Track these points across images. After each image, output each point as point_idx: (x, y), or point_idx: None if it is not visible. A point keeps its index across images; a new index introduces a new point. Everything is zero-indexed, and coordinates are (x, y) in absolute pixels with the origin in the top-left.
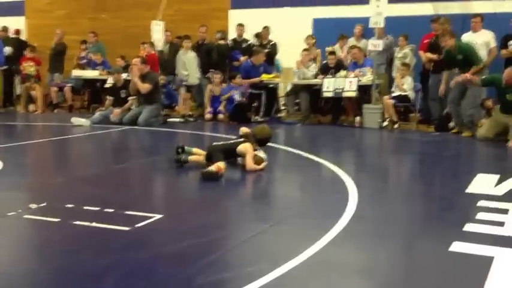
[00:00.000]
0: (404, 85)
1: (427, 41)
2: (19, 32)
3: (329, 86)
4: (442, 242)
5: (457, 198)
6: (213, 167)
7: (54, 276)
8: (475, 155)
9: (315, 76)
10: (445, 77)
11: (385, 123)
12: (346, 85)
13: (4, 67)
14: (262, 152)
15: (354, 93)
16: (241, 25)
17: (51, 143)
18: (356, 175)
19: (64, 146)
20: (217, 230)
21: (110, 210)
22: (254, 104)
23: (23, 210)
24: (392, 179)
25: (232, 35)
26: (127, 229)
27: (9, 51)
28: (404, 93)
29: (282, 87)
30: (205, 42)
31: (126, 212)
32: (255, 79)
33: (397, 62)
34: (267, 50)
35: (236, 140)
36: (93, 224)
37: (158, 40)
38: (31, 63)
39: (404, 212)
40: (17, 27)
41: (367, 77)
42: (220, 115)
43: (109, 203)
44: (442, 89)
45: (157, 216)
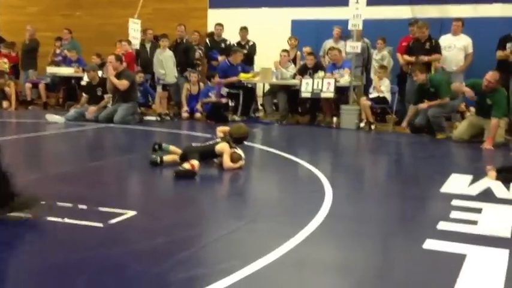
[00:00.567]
0: (382, 87)
1: (405, 43)
2: None
3: (307, 86)
4: (416, 239)
5: (432, 197)
6: (185, 165)
7: (25, 272)
8: (450, 156)
9: (294, 76)
10: (413, 110)
11: (362, 124)
12: (324, 86)
13: None
14: (239, 150)
15: (331, 94)
16: (220, 25)
17: (25, 140)
18: (332, 175)
19: (38, 143)
20: (190, 227)
21: (84, 207)
22: (231, 104)
23: None
24: (368, 178)
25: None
26: (100, 225)
27: None
28: (381, 94)
29: (260, 87)
30: (184, 41)
31: (99, 209)
32: (233, 78)
33: (374, 64)
34: (245, 51)
35: (214, 141)
36: (66, 220)
37: (135, 38)
38: (5, 60)
39: (379, 211)
40: None
41: (345, 78)
42: (198, 114)
43: (83, 199)
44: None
45: (131, 213)
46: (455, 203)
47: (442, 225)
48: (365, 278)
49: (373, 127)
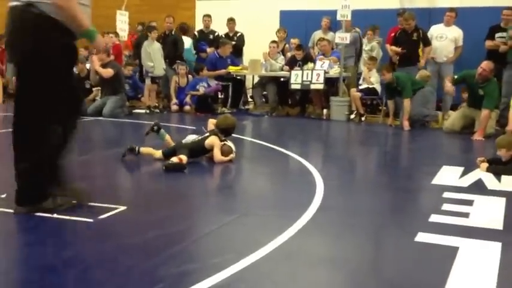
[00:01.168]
0: (371, 78)
1: (393, 34)
2: None
3: (296, 78)
4: (408, 232)
5: (423, 189)
6: (174, 158)
7: (15, 269)
8: (441, 148)
9: (283, 68)
10: (391, 105)
11: (352, 116)
12: (313, 78)
13: None
14: (230, 143)
15: (321, 86)
16: (208, 16)
17: (12, 134)
18: (323, 167)
19: None
20: (181, 221)
21: (73, 202)
22: (221, 96)
23: None
24: (359, 171)
25: (199, 26)
26: (90, 221)
27: None
28: (371, 86)
29: (249, 79)
30: (172, 33)
31: (89, 204)
32: (222, 71)
33: (364, 55)
34: (234, 42)
35: (203, 136)
36: (55, 216)
37: (122, 30)
38: None
39: (371, 204)
40: None
41: (335, 69)
42: (187, 107)
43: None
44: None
45: (121, 207)
46: (446, 195)
47: (434, 217)
48: (357, 271)
49: (363, 118)
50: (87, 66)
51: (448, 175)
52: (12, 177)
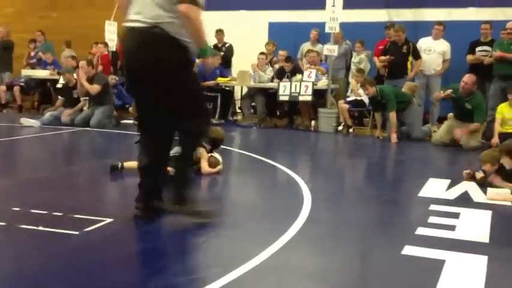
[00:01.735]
0: (359, 90)
1: (381, 47)
2: None
3: (285, 89)
4: (395, 245)
5: (410, 202)
6: None
7: None
8: (428, 160)
9: (272, 79)
10: (378, 118)
11: (340, 128)
12: (301, 89)
13: None
14: (217, 155)
15: (309, 98)
16: None
17: None
18: (311, 179)
19: (12, 148)
20: (168, 234)
21: (59, 214)
22: (209, 107)
23: None
24: (346, 183)
25: None
26: (76, 233)
27: None
28: (359, 98)
29: (238, 90)
30: None
31: (75, 216)
32: (211, 82)
33: (352, 67)
34: (222, 53)
35: None
36: (40, 228)
37: (111, 40)
38: None
39: (358, 216)
40: None
41: (323, 81)
42: None
43: (58, 206)
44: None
45: (107, 220)
46: (433, 207)
47: (421, 230)
48: (345, 284)
49: (351, 130)
50: (75, 76)
51: (434, 187)
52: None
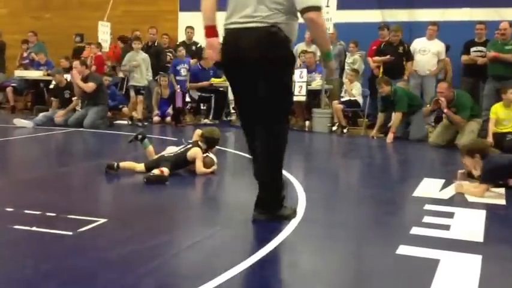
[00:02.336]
0: (353, 90)
1: (375, 47)
2: None
3: None
4: (390, 245)
5: (404, 202)
6: (155, 171)
7: None
8: (422, 160)
9: None
10: (381, 117)
11: (334, 128)
12: (295, 90)
13: None
14: (212, 155)
15: (303, 98)
16: (191, 28)
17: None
18: (305, 179)
19: (5, 148)
20: (162, 234)
21: (52, 214)
22: (203, 107)
23: None
24: (341, 183)
25: (181, 37)
26: (69, 233)
27: None
28: (353, 98)
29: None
30: (155, 44)
31: (68, 216)
32: (205, 82)
33: (346, 67)
34: None
35: (185, 148)
36: (34, 229)
37: (104, 41)
38: None
39: (353, 216)
40: None
41: (317, 82)
42: (169, 118)
43: (51, 206)
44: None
45: (101, 220)
46: (427, 207)
47: (415, 230)
48: (339, 283)
49: (345, 130)
50: (66, 76)
51: (429, 187)
52: None
